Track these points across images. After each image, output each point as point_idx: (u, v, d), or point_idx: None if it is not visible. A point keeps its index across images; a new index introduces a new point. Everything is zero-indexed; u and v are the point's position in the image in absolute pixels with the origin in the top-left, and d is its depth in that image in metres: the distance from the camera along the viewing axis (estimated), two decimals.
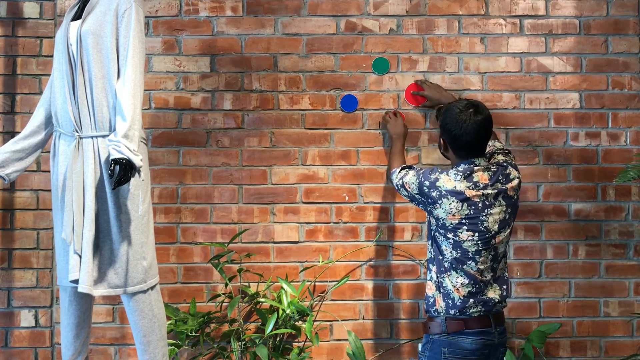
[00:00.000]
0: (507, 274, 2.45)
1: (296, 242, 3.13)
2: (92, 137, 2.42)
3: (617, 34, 3.18)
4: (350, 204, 3.14)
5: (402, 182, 2.51)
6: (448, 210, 2.33)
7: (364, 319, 3.13)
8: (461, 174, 2.35)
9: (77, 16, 2.50)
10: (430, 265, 2.44)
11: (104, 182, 2.41)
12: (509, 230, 2.40)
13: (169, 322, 2.91)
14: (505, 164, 2.44)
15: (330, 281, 3.12)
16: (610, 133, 3.18)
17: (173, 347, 2.87)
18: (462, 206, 2.32)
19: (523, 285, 3.14)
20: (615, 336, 3.15)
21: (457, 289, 2.35)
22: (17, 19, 3.11)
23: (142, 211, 2.42)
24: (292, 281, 3.08)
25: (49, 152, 2.66)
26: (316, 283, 3.12)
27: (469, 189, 2.32)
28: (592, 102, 3.18)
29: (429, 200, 2.38)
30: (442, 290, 2.38)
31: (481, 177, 2.35)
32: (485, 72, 3.17)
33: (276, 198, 3.13)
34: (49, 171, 2.59)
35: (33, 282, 3.07)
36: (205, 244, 3.09)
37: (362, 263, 3.13)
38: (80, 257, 2.37)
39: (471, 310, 2.34)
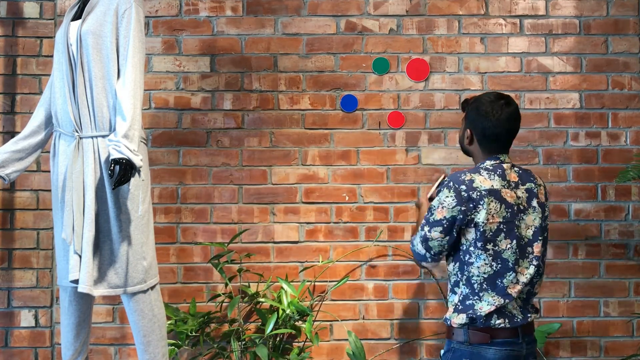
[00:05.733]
0: (537, 293, 2.24)
1: (296, 242, 3.13)
2: (92, 137, 2.42)
3: (617, 34, 3.18)
4: (350, 204, 3.14)
5: (432, 222, 2.19)
6: (488, 210, 2.12)
7: (364, 319, 3.13)
8: (492, 172, 2.18)
9: (77, 16, 2.50)
10: (456, 289, 2.21)
11: (104, 182, 2.40)
12: (542, 240, 2.20)
13: (169, 322, 2.91)
14: (528, 170, 2.29)
15: (330, 281, 3.12)
16: (610, 133, 3.18)
17: (173, 347, 2.87)
18: (500, 207, 2.13)
19: None
20: (615, 336, 3.15)
21: (487, 308, 2.15)
22: (17, 19, 3.11)
23: (142, 211, 2.42)
24: (292, 281, 3.08)
25: (49, 152, 2.66)
26: (316, 283, 3.12)
27: (504, 187, 2.16)
28: (592, 102, 3.18)
29: (471, 205, 2.13)
30: (468, 310, 2.17)
31: (511, 175, 2.19)
32: (486, 72, 3.17)
33: (276, 198, 3.13)
34: (49, 171, 2.58)
35: (33, 282, 3.07)
36: (205, 244, 3.09)
37: (362, 263, 3.13)
38: (80, 257, 2.36)
39: (497, 322, 2.14)
